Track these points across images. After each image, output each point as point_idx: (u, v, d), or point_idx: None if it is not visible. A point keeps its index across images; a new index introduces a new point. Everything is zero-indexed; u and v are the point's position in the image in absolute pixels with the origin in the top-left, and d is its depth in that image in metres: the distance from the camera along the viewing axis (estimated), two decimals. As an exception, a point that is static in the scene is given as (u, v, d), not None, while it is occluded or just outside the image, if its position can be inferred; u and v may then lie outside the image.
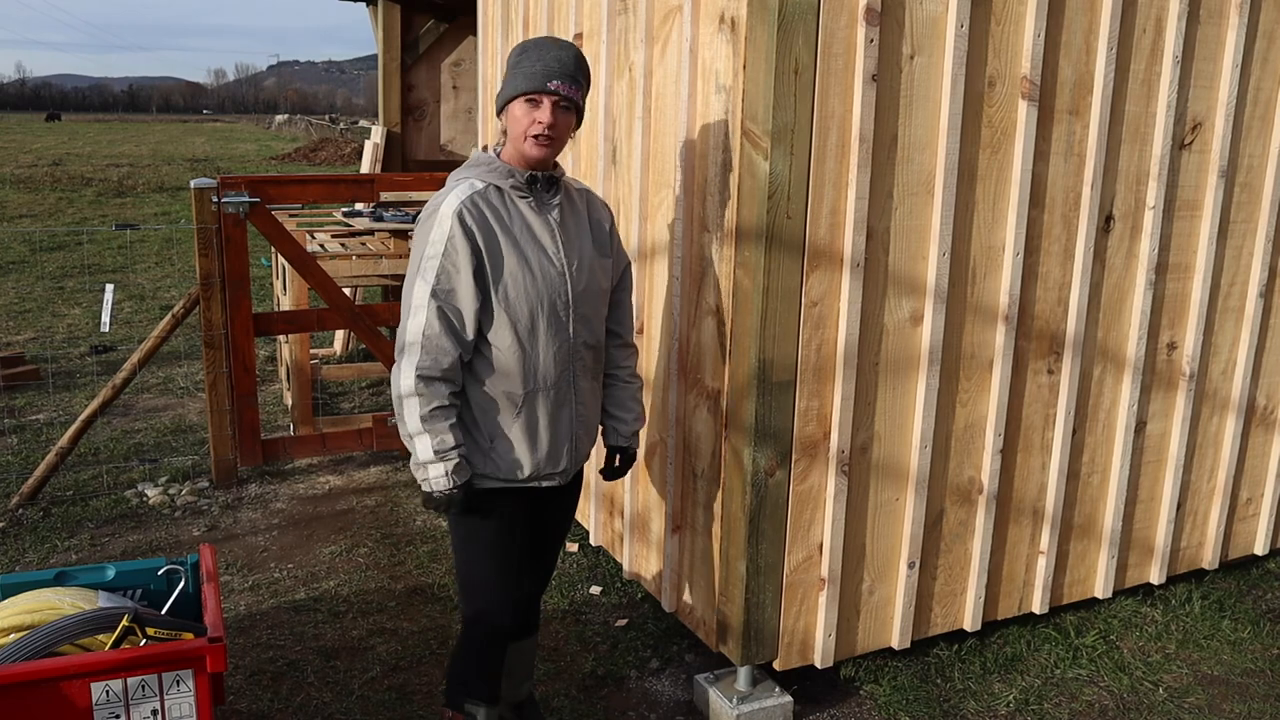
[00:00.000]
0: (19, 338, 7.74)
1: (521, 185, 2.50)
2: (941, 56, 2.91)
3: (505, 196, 2.50)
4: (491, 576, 2.61)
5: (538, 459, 2.57)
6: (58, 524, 4.51)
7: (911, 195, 2.97)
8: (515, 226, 2.48)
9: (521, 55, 2.49)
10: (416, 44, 8.05)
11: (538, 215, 2.52)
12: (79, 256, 11.24)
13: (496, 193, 2.49)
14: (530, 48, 2.50)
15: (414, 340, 2.40)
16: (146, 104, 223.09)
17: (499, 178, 2.49)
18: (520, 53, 2.50)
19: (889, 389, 3.08)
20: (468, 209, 2.42)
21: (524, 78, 2.45)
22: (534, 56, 2.47)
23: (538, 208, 2.53)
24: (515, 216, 2.49)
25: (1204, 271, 3.60)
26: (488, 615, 2.64)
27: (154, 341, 4.87)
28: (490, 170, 2.50)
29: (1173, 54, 3.31)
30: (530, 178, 2.50)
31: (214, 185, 4.76)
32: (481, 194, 2.46)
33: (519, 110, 2.46)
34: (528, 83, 2.44)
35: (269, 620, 3.74)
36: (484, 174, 2.50)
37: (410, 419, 2.41)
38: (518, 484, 2.58)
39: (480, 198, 2.46)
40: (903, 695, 3.30)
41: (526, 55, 2.48)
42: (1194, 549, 3.97)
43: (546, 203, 2.54)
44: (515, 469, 2.56)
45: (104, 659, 2.27)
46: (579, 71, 2.49)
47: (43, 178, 20.49)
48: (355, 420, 5.63)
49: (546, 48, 2.48)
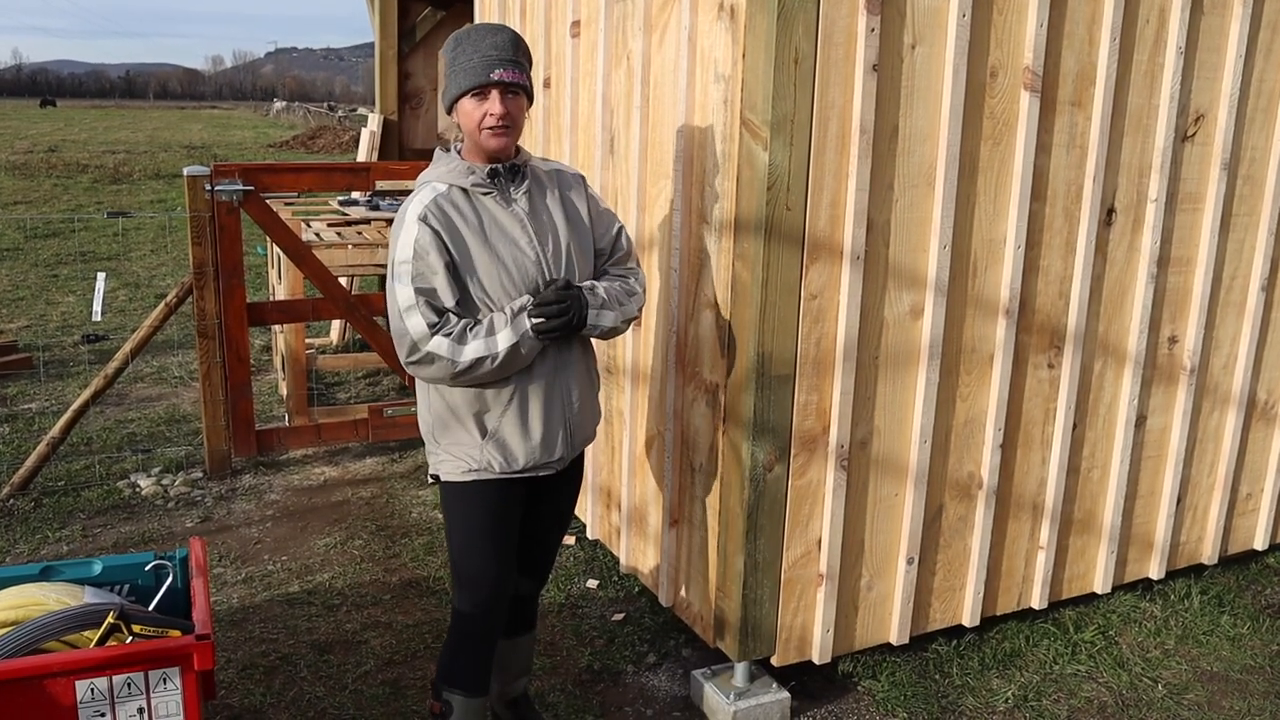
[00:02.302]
0: (12, 325, 7.69)
1: (483, 181, 2.47)
2: (943, 46, 2.87)
3: (469, 195, 2.47)
4: (483, 566, 2.60)
5: (531, 448, 2.55)
6: (49, 515, 4.48)
7: (912, 187, 2.93)
8: (484, 224, 2.46)
9: (457, 49, 2.44)
10: (414, 31, 7.98)
11: (504, 209, 2.49)
12: (74, 244, 11.17)
13: (460, 193, 2.47)
14: (463, 40, 2.44)
15: (421, 333, 2.38)
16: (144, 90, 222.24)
17: (459, 177, 2.47)
18: (455, 47, 2.45)
19: (889, 383, 3.05)
20: (432, 213, 2.41)
21: (465, 73, 2.41)
22: (470, 49, 2.42)
23: (503, 201, 2.50)
24: (483, 214, 2.47)
25: (1206, 265, 3.57)
26: (477, 604, 2.62)
27: (147, 331, 4.83)
28: (450, 171, 2.48)
29: (1176, 45, 3.27)
30: (491, 171, 2.48)
31: (207, 173, 4.71)
32: (445, 196, 2.45)
33: (469, 106, 2.43)
34: (470, 78, 2.40)
35: (262, 613, 3.71)
36: (445, 175, 2.48)
37: (482, 353, 2.39)
38: (513, 475, 2.56)
39: (444, 200, 2.44)
40: (901, 691, 3.28)
41: (462, 49, 2.43)
42: (1194, 544, 3.95)
43: (511, 194, 2.51)
44: (510, 460, 2.54)
45: (88, 657, 2.24)
46: (518, 53, 2.45)
47: (38, 164, 20.37)
48: (351, 411, 5.60)
49: (480, 36, 2.43)
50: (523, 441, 2.54)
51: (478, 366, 2.40)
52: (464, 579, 2.63)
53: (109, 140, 30.72)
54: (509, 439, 2.53)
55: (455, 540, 2.63)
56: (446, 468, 2.58)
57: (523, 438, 2.54)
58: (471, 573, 2.61)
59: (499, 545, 2.61)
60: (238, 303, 4.82)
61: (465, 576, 2.62)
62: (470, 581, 2.62)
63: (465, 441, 2.53)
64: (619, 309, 2.59)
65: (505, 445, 2.53)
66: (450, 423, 2.55)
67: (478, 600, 2.62)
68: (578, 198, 2.65)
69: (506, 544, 2.63)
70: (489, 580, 2.61)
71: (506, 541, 2.63)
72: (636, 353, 3.54)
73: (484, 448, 2.52)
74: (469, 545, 2.60)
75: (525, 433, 2.54)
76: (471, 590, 2.62)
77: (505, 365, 2.42)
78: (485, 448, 2.52)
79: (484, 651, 2.67)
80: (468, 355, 2.38)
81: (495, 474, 2.54)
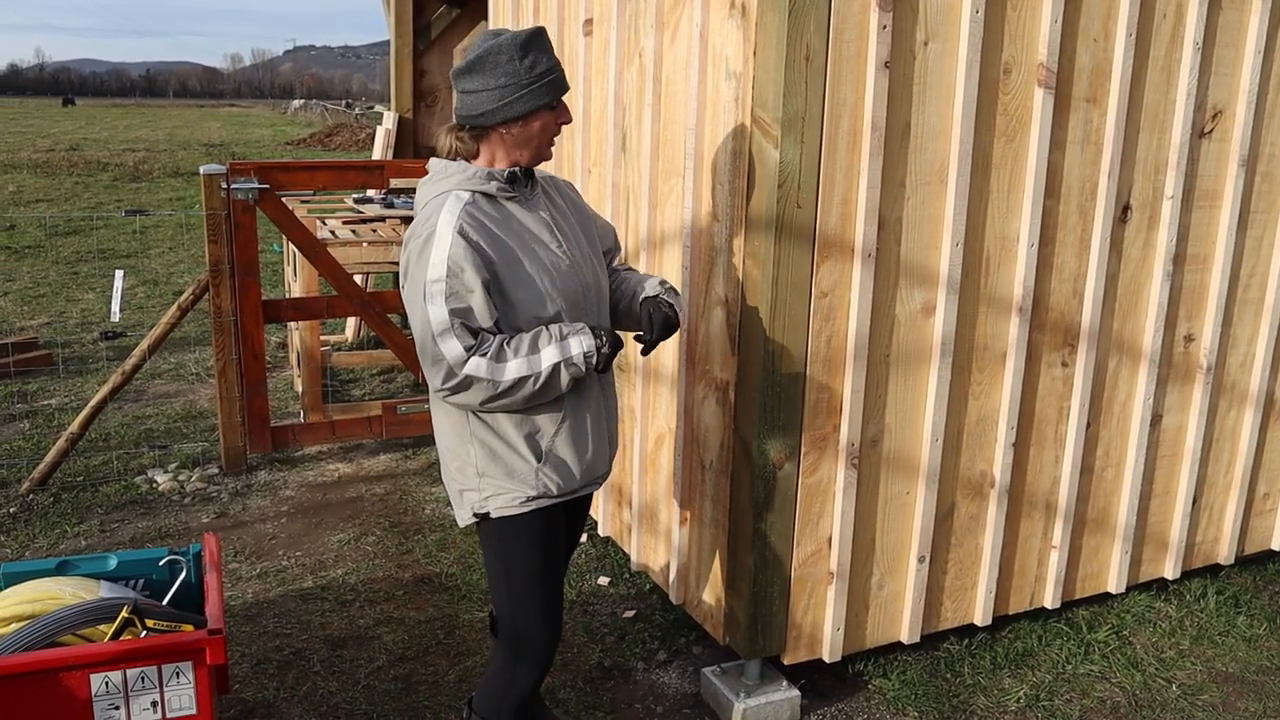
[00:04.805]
0: (33, 322, 7.77)
1: (506, 186, 2.33)
2: (956, 43, 2.86)
3: (495, 202, 2.34)
4: (542, 620, 2.43)
5: (586, 464, 2.42)
6: (68, 510, 4.52)
7: (924, 184, 2.92)
8: (516, 230, 2.33)
9: (528, 58, 2.27)
10: (429, 29, 8.00)
11: (530, 213, 2.37)
12: (93, 241, 11.27)
13: (486, 199, 2.32)
14: (530, 43, 2.28)
15: (458, 358, 2.22)
16: (164, 89, 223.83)
17: (480, 184, 2.31)
18: (524, 56, 2.26)
19: (900, 381, 3.04)
20: (467, 223, 2.24)
21: (549, 86, 2.29)
22: (545, 58, 2.29)
23: (527, 206, 2.38)
24: (511, 220, 2.34)
25: (1223, 262, 3.54)
26: (535, 664, 2.46)
27: (163, 328, 4.86)
28: (469, 178, 2.31)
29: (1193, 40, 3.24)
30: (510, 175, 2.34)
31: (223, 171, 4.74)
32: (473, 204, 2.29)
33: (548, 118, 2.32)
34: (555, 90, 2.30)
35: (276, 608, 3.73)
36: (463, 184, 2.31)
37: (524, 372, 2.23)
38: (568, 496, 2.44)
39: (473, 208, 2.28)
40: (912, 690, 3.27)
41: (534, 58, 2.27)
42: (1209, 544, 3.92)
43: (531, 197, 2.40)
44: (569, 481, 2.40)
45: (103, 650, 2.26)
46: None
47: (60, 162, 20.57)
48: (365, 407, 5.63)
49: (543, 41, 2.31)
50: (577, 459, 2.40)
51: (519, 388, 2.23)
52: (522, 632, 2.44)
53: (129, 139, 30.95)
54: (565, 457, 2.38)
55: (511, 585, 2.42)
56: (499, 502, 2.37)
57: (577, 455, 2.40)
58: (531, 627, 2.43)
59: (554, 585, 2.45)
60: (253, 300, 4.85)
61: (523, 629, 2.43)
62: (530, 638, 2.44)
63: (520, 469, 2.35)
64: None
65: (562, 465, 2.38)
66: (500, 450, 2.36)
67: (537, 656, 2.45)
68: (579, 201, 2.60)
69: (560, 583, 2.48)
70: (547, 634, 2.44)
71: (560, 580, 2.48)
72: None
73: (540, 471, 2.36)
74: (526, 593, 2.41)
75: (579, 449, 2.40)
76: (530, 646, 2.44)
77: (546, 388, 2.27)
78: (542, 471, 2.36)
79: (531, 699, 2.52)
80: (509, 375, 2.21)
81: (554, 497, 2.39)
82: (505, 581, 2.43)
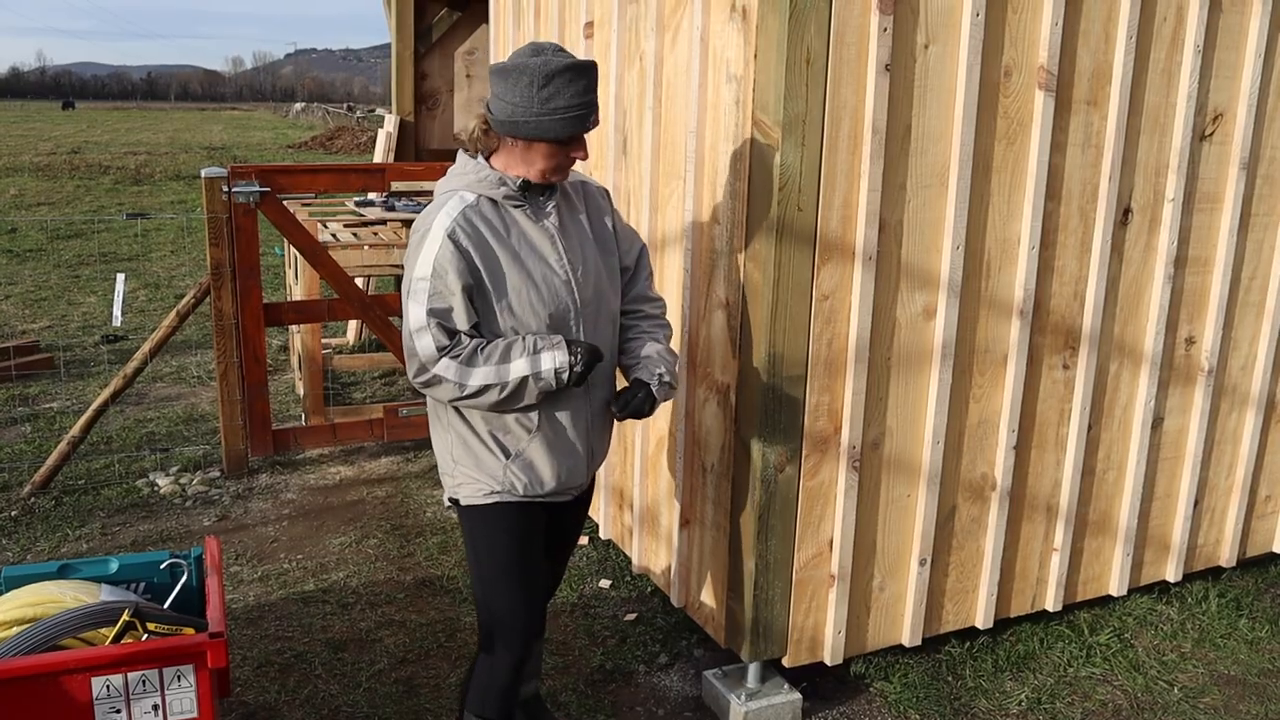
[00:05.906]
0: (34, 326, 7.77)
1: (515, 194, 2.35)
2: (957, 46, 2.86)
3: (499, 208, 2.36)
4: (511, 604, 2.48)
5: (558, 473, 2.46)
6: (69, 513, 4.53)
7: (925, 187, 2.92)
8: (513, 239, 2.35)
9: (548, 88, 2.22)
10: (430, 32, 8.00)
11: (535, 224, 2.38)
12: (95, 245, 11.28)
13: (490, 204, 2.35)
14: (554, 76, 2.22)
15: (430, 355, 2.28)
16: (165, 92, 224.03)
17: (489, 188, 2.34)
18: (544, 84, 2.22)
19: (901, 384, 3.04)
20: (461, 227, 2.28)
21: (562, 122, 2.25)
22: (567, 91, 2.23)
23: (534, 216, 2.39)
24: (512, 228, 2.36)
25: (1224, 265, 3.54)
26: (509, 646, 2.50)
27: (164, 331, 4.87)
28: (480, 180, 2.34)
29: (1194, 43, 3.24)
30: (523, 184, 2.35)
31: (224, 174, 4.74)
32: (474, 208, 2.32)
33: (549, 150, 2.30)
34: (567, 127, 2.26)
35: (277, 611, 3.73)
36: (473, 185, 2.35)
37: (490, 380, 2.27)
38: (539, 499, 2.48)
39: (473, 212, 2.31)
40: (913, 693, 3.27)
41: (554, 89, 2.22)
42: (1211, 546, 3.91)
43: (542, 208, 2.40)
44: (536, 485, 2.44)
45: (104, 654, 2.26)
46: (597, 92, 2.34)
47: (61, 165, 20.58)
48: (366, 410, 5.63)
49: (573, 77, 2.24)
50: (550, 466, 2.44)
51: (484, 394, 2.29)
52: (493, 618, 2.50)
53: (131, 141, 30.98)
54: (536, 461, 2.43)
55: (481, 573, 2.50)
56: (467, 490, 2.45)
57: (550, 461, 2.44)
58: (500, 613, 2.48)
59: (528, 577, 2.49)
60: (255, 303, 4.85)
61: (494, 616, 2.50)
62: (500, 623, 2.49)
63: (488, 462, 2.42)
64: (674, 372, 2.58)
65: (532, 467, 2.43)
66: (471, 442, 2.43)
67: (509, 642, 2.49)
68: (604, 215, 2.57)
69: (535, 576, 2.51)
70: (519, 621, 2.49)
71: (535, 573, 2.51)
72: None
73: (507, 469, 2.41)
74: (495, 580, 2.47)
75: (553, 456, 2.44)
76: (502, 632, 2.49)
77: (513, 397, 2.31)
78: (509, 469, 2.41)
79: (514, 686, 2.57)
80: (476, 380, 2.27)
81: (518, 495, 2.44)
82: (476, 568, 2.52)
